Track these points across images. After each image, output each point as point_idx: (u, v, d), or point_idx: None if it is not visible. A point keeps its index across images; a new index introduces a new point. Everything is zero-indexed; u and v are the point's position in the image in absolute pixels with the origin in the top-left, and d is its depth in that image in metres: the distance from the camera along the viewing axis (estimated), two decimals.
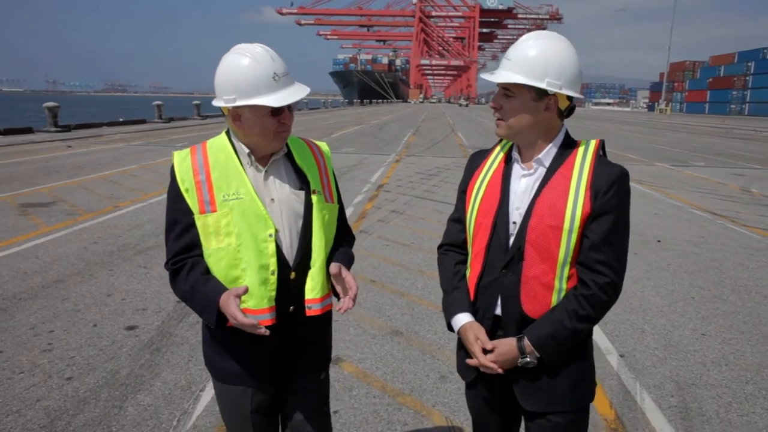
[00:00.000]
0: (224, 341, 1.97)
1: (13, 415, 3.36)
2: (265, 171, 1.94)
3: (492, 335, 1.89)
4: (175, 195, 1.90)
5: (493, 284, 1.89)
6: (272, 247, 1.88)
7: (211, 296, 1.82)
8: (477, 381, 1.99)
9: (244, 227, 1.85)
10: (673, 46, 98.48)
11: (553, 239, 1.78)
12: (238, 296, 1.78)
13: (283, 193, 1.94)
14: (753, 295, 5.78)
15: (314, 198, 1.97)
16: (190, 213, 1.87)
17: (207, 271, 1.89)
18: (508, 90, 1.81)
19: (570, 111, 1.87)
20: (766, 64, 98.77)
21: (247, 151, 1.91)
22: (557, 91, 1.77)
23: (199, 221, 1.87)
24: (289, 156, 2.01)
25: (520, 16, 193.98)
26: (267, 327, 1.82)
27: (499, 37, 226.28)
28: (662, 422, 3.47)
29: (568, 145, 1.87)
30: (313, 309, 1.96)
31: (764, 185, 13.85)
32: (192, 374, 3.90)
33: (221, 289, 1.83)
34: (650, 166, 16.97)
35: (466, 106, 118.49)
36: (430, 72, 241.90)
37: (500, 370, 1.83)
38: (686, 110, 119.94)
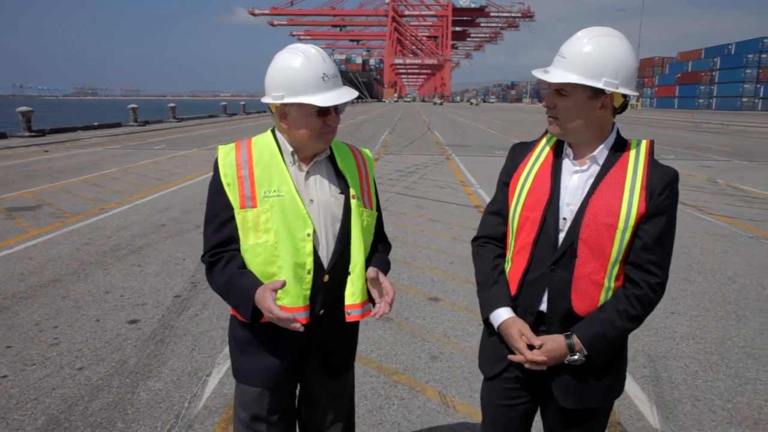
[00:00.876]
0: (247, 340, 1.98)
1: (32, 402, 3.56)
2: (307, 171, 1.94)
3: (533, 331, 1.87)
4: (216, 188, 1.92)
5: (540, 280, 1.86)
6: (310, 246, 1.88)
7: (247, 289, 1.84)
8: (500, 376, 1.97)
9: (283, 225, 1.86)
10: (643, 41, 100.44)
11: (606, 237, 1.76)
12: (275, 290, 1.81)
13: (323, 195, 1.94)
14: (718, 277, 6.17)
15: (353, 203, 1.96)
16: (230, 207, 1.89)
17: (243, 266, 1.91)
18: (562, 89, 1.77)
19: (624, 107, 1.84)
20: (731, 59, 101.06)
21: (291, 149, 1.92)
22: (614, 90, 1.73)
23: (239, 216, 1.88)
24: (331, 159, 2.01)
25: (492, 14, 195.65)
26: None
27: (471, 35, 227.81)
28: (636, 390, 3.80)
29: (620, 143, 1.85)
30: (353, 315, 1.96)
31: (730, 176, 14.40)
32: (197, 362, 4.12)
33: (257, 283, 1.86)
34: None
35: (441, 104, 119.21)
36: (404, 71, 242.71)
37: (545, 367, 1.82)
38: (656, 105, 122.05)
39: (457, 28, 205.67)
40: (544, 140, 1.95)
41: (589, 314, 1.81)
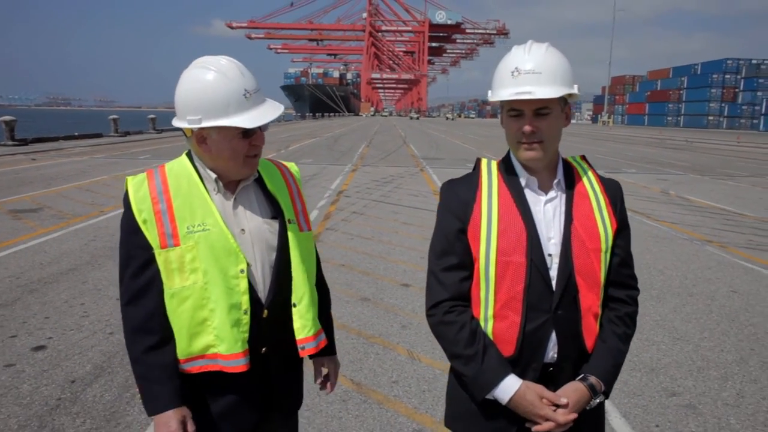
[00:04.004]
0: (191, 392, 1.76)
1: (78, 356, 4.38)
2: (234, 199, 1.76)
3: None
4: (130, 227, 1.70)
5: (543, 329, 1.65)
6: (244, 283, 1.71)
7: (166, 398, 1.68)
8: None
9: (212, 262, 1.67)
10: (615, 60, 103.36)
11: (596, 263, 1.66)
12: (186, 430, 1.69)
13: (255, 223, 1.77)
14: (650, 270, 7.18)
15: (290, 227, 1.82)
16: (149, 248, 1.68)
17: (174, 358, 1.72)
18: (546, 107, 1.61)
19: None
20: (697, 79, 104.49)
21: (214, 176, 1.73)
22: (576, 93, 1.65)
23: (161, 257, 1.68)
24: (259, 181, 1.84)
25: (468, 31, 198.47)
26: (239, 373, 1.72)
27: (448, 51, 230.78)
28: None
29: (564, 161, 1.76)
30: (307, 349, 1.84)
31: (681, 188, 15.59)
32: None
33: (176, 398, 1.69)
34: None
35: (417, 119, 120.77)
36: (381, 86, 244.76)
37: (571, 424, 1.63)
38: (627, 122, 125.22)
39: (434, 44, 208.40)
40: (484, 172, 1.75)
41: (595, 349, 1.68)
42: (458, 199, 1.73)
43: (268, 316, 1.77)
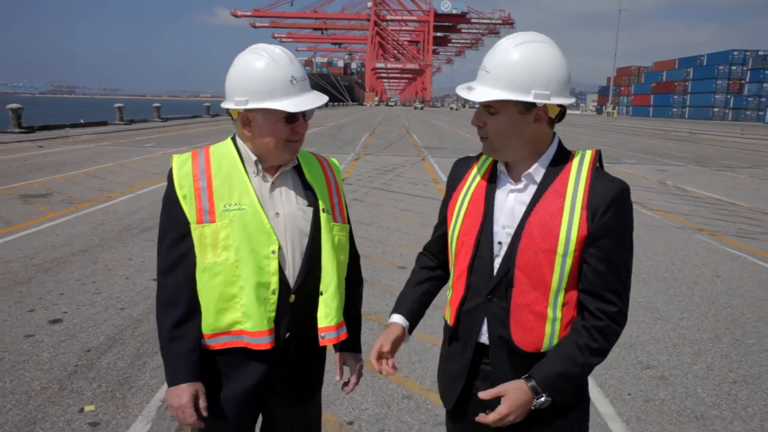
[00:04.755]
0: (204, 369, 1.80)
1: (92, 328, 4.69)
2: (272, 182, 1.81)
3: (476, 366, 1.76)
4: (171, 201, 1.77)
5: (477, 310, 1.72)
6: (275, 264, 1.75)
7: (183, 370, 1.75)
8: (459, 409, 1.82)
9: (245, 241, 1.73)
10: (620, 51, 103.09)
11: (545, 264, 1.61)
12: (197, 402, 1.75)
13: (290, 208, 1.81)
14: (639, 256, 7.38)
15: (323, 216, 1.85)
16: (186, 222, 1.74)
17: (197, 333, 1.78)
18: (491, 106, 1.61)
19: (562, 116, 1.67)
20: (703, 70, 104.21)
21: (254, 158, 1.79)
22: (546, 102, 1.57)
23: (196, 231, 1.73)
24: (298, 169, 1.89)
25: (473, 20, 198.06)
26: (261, 352, 1.77)
27: (453, 41, 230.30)
28: None
29: (561, 156, 1.68)
30: (327, 338, 1.86)
31: (680, 179, 15.81)
32: None
33: (192, 371, 1.76)
34: None
35: (422, 108, 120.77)
36: (386, 75, 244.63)
37: (514, 420, 1.62)
38: (632, 113, 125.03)
39: (439, 34, 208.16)
40: (483, 156, 1.80)
41: (549, 352, 1.65)
42: (453, 176, 1.88)
43: (294, 302, 1.80)
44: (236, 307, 1.76)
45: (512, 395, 1.61)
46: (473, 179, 1.79)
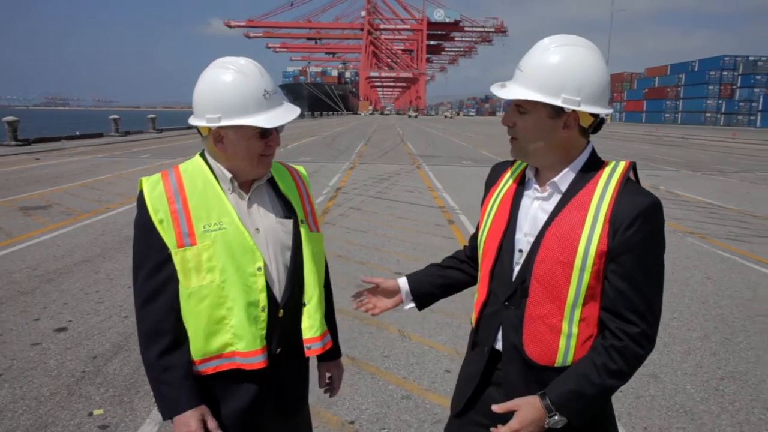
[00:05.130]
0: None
1: (97, 336, 4.80)
2: (249, 198, 1.79)
3: (490, 371, 1.77)
4: (146, 227, 1.70)
5: (495, 316, 1.73)
6: (262, 281, 1.73)
7: (183, 398, 1.69)
8: (464, 414, 1.85)
9: (229, 261, 1.69)
10: (613, 57, 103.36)
11: (562, 277, 1.57)
12: (206, 427, 1.70)
13: (269, 223, 1.80)
14: None
15: (302, 228, 1.85)
16: (165, 248, 1.68)
17: (188, 360, 1.72)
18: (521, 106, 1.61)
19: (597, 127, 1.65)
20: (695, 76, 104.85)
21: (229, 176, 1.76)
22: (575, 108, 1.54)
23: (177, 256, 1.68)
24: (271, 182, 1.87)
25: (466, 29, 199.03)
26: (253, 371, 1.74)
27: (446, 49, 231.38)
28: None
29: (592, 166, 1.63)
30: (313, 349, 1.86)
31: (672, 183, 16.01)
32: None
33: (193, 395, 1.71)
34: None
35: (416, 117, 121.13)
36: (380, 84, 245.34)
37: None
38: (625, 119, 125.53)
39: (432, 42, 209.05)
40: (518, 161, 1.79)
41: (566, 370, 1.61)
42: (489, 180, 1.90)
43: (283, 316, 1.79)
44: (226, 329, 1.73)
45: (524, 411, 1.58)
46: (505, 184, 1.80)
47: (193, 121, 1.73)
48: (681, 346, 4.80)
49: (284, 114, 1.71)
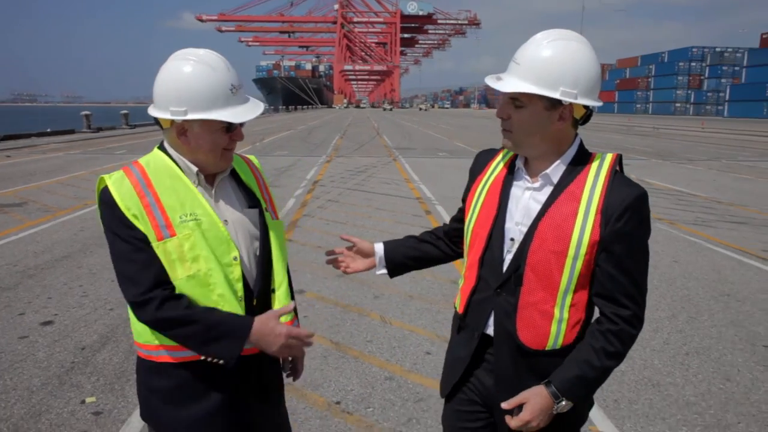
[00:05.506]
0: (175, 387, 1.75)
1: (84, 328, 4.87)
2: (214, 191, 1.79)
3: (480, 356, 1.82)
4: (123, 223, 1.63)
5: (486, 302, 1.77)
6: (238, 270, 1.73)
7: (239, 322, 1.69)
8: (455, 398, 1.91)
9: (208, 251, 1.68)
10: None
11: (555, 265, 1.63)
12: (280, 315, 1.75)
13: (236, 214, 1.81)
14: None
15: (267, 217, 1.87)
16: (147, 241, 1.64)
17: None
18: (517, 99, 1.63)
19: (586, 119, 1.69)
20: (665, 66, 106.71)
21: (195, 169, 1.73)
22: (572, 101, 1.58)
23: (159, 249, 1.64)
24: (233, 174, 1.87)
25: (439, 21, 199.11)
26: (237, 363, 1.70)
27: (420, 42, 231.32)
28: None
29: (581, 158, 1.69)
30: None
31: (642, 172, 16.37)
32: None
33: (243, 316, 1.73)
34: None
35: (391, 110, 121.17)
36: (354, 77, 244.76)
37: (539, 426, 1.66)
38: (597, 110, 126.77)
39: (406, 35, 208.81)
40: (505, 150, 1.83)
41: (567, 357, 1.68)
42: (474, 168, 1.93)
43: (256, 305, 1.80)
44: None
45: (533, 401, 1.64)
46: (492, 172, 1.84)
47: (154, 112, 1.69)
48: (650, 325, 5.04)
49: (252, 109, 1.72)
